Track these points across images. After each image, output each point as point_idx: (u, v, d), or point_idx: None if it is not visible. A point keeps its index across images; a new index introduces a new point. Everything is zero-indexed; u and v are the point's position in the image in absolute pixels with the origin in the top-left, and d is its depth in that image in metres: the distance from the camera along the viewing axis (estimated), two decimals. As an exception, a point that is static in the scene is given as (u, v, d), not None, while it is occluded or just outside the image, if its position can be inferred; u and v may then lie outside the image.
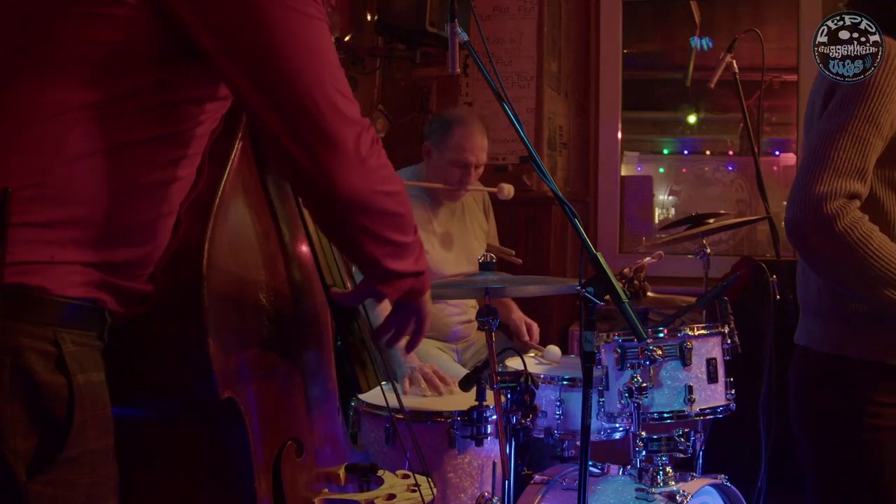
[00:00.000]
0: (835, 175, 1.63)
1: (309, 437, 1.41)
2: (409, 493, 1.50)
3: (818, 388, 1.82)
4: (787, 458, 2.89)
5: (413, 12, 3.57)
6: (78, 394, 1.05)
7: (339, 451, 1.53)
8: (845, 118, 1.66)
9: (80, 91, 1.07)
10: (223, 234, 1.25)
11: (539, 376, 2.44)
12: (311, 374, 1.45)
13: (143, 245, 1.16)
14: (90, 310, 1.10)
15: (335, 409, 1.53)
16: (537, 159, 1.66)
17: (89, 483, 1.07)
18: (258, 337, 1.31)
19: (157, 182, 1.15)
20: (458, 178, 3.04)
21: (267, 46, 1.11)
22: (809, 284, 1.85)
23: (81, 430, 1.05)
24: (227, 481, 1.28)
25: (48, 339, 1.04)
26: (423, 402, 2.46)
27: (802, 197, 1.66)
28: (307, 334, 1.45)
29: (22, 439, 1.01)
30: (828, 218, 1.62)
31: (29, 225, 1.02)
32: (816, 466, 1.83)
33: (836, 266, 1.68)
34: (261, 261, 1.33)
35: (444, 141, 3.04)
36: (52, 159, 1.05)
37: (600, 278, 1.55)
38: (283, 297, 1.36)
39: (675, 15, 4.95)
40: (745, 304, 2.86)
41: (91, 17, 1.06)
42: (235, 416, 1.24)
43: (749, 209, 4.64)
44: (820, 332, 1.81)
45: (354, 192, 1.19)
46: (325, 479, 1.46)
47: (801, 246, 1.70)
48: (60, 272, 1.05)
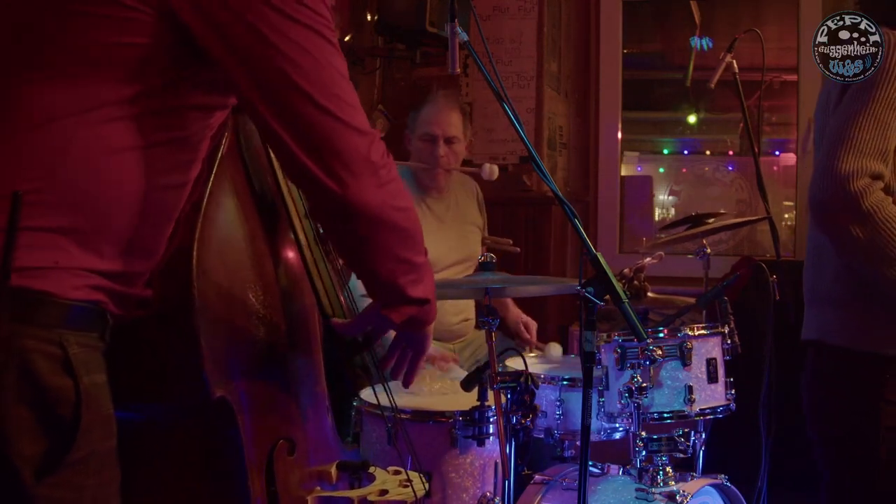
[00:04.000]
0: (858, 154, 1.64)
1: (300, 436, 1.41)
2: (401, 488, 1.51)
3: (832, 384, 1.80)
4: (787, 458, 2.89)
5: (413, 12, 3.57)
6: (84, 395, 1.05)
7: (330, 450, 1.53)
8: (865, 102, 1.67)
9: (85, 94, 1.06)
10: (211, 234, 1.26)
11: (539, 376, 2.44)
12: (300, 375, 1.45)
13: (144, 255, 1.16)
14: (93, 311, 1.10)
15: (325, 409, 1.53)
16: (537, 159, 1.66)
17: (95, 484, 1.08)
18: (248, 336, 1.32)
19: (160, 189, 1.15)
20: (429, 152, 3.04)
21: (277, 62, 1.11)
22: (823, 274, 1.83)
23: (87, 432, 1.05)
24: (221, 480, 1.29)
25: (53, 341, 1.04)
26: (424, 402, 2.46)
27: (827, 177, 1.66)
28: (296, 335, 1.45)
29: (29, 443, 1.01)
30: (854, 196, 1.62)
31: (33, 229, 1.02)
32: (832, 465, 1.82)
33: (863, 245, 1.67)
34: (249, 261, 1.34)
35: (415, 122, 3.08)
36: (55, 164, 1.05)
37: (600, 278, 1.55)
38: (272, 296, 1.37)
39: (675, 15, 4.95)
40: (745, 304, 2.86)
41: (95, 17, 1.06)
42: (228, 416, 1.25)
43: (749, 209, 4.64)
44: (834, 323, 1.80)
45: (369, 203, 1.19)
46: (318, 477, 1.46)
47: (829, 225, 1.69)
48: (64, 276, 1.05)
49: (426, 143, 3.04)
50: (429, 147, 3.04)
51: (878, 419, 1.72)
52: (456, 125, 3.07)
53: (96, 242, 1.08)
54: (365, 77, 3.95)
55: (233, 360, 1.27)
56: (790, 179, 4.57)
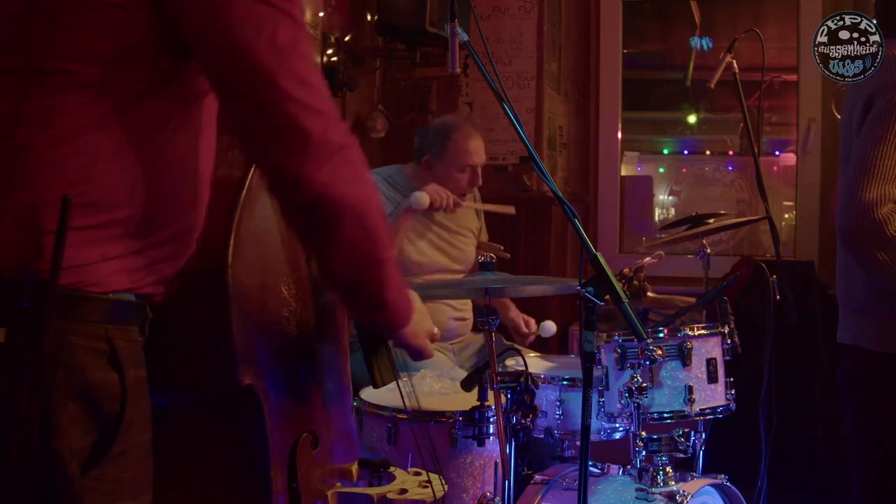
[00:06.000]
0: (881, 181, 1.74)
1: (324, 431, 1.42)
2: (421, 488, 1.51)
3: (867, 383, 1.93)
4: (787, 458, 2.89)
5: (413, 12, 3.58)
6: (130, 390, 1.07)
7: (353, 448, 1.54)
8: (885, 128, 1.72)
9: (107, 94, 1.07)
10: (249, 225, 1.27)
11: (539, 376, 2.44)
12: (327, 369, 1.47)
13: (185, 211, 1.18)
14: (134, 305, 1.12)
15: (349, 406, 1.55)
16: (537, 159, 1.66)
17: (133, 476, 1.10)
18: (279, 327, 1.33)
19: (186, 159, 1.17)
20: (468, 181, 3.04)
21: (238, 40, 1.09)
22: (853, 284, 1.94)
23: (129, 426, 1.07)
24: (243, 471, 1.30)
25: (101, 336, 1.06)
26: (424, 402, 2.46)
27: (853, 205, 1.78)
28: (325, 329, 1.47)
29: (77, 437, 1.03)
30: (878, 224, 1.70)
31: (75, 228, 1.03)
32: (865, 458, 1.91)
33: (888, 267, 1.76)
34: (284, 254, 1.36)
35: (445, 149, 3.02)
36: (90, 162, 1.06)
37: (600, 278, 1.55)
38: (304, 289, 1.39)
39: (675, 15, 4.95)
40: (745, 304, 2.86)
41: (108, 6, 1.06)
42: (254, 404, 1.26)
43: (749, 209, 4.64)
44: (866, 330, 1.90)
45: (322, 182, 1.15)
46: (339, 474, 1.47)
47: (855, 250, 1.80)
48: (107, 269, 1.07)
49: (465, 172, 3.03)
50: (467, 177, 3.04)
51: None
52: (483, 149, 3.12)
53: (136, 230, 1.10)
54: (365, 77, 3.94)
55: (262, 349, 1.29)
56: (790, 179, 4.57)
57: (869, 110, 1.76)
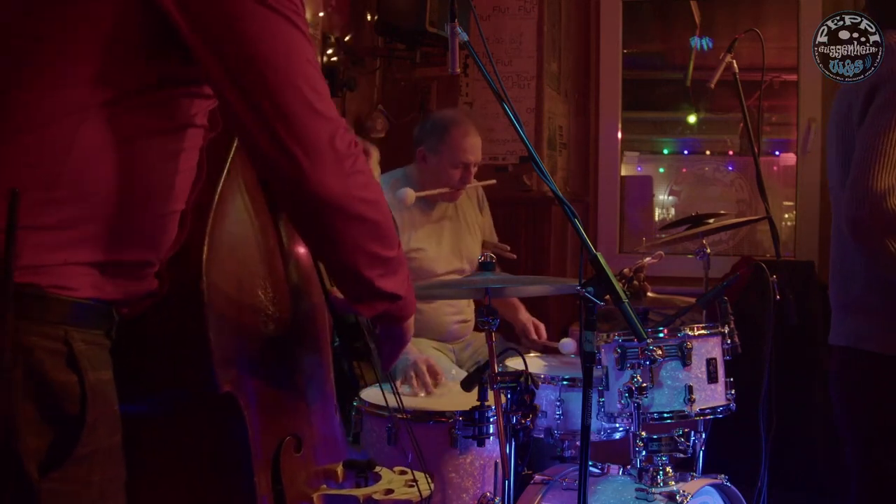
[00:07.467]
0: (892, 169, 1.69)
1: (308, 434, 1.42)
2: (407, 488, 1.51)
3: (864, 386, 1.86)
4: (787, 458, 2.89)
5: (413, 12, 3.58)
6: (90, 392, 1.06)
7: (337, 450, 1.53)
8: (892, 115, 1.69)
9: (82, 91, 1.07)
10: (222, 230, 1.26)
11: (539, 376, 2.44)
12: (309, 373, 1.46)
13: (152, 243, 1.17)
14: (99, 308, 1.10)
15: (333, 409, 1.54)
16: (537, 159, 1.66)
17: (100, 480, 1.08)
18: (257, 333, 1.32)
19: (162, 176, 1.15)
20: (460, 178, 3.05)
21: (245, 48, 1.10)
22: (853, 283, 1.88)
23: (93, 429, 1.06)
24: (227, 476, 1.29)
25: (59, 337, 1.04)
26: (425, 402, 2.46)
27: (863, 195, 1.72)
28: (305, 333, 1.45)
29: (35, 438, 1.02)
30: (890, 213, 1.66)
31: (40, 228, 1.03)
32: (862, 463, 1.87)
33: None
34: (259, 257, 1.34)
35: (441, 143, 3.04)
36: (61, 160, 1.05)
37: (600, 278, 1.55)
38: (281, 294, 1.37)
39: (675, 15, 4.95)
40: (745, 304, 2.86)
41: (84, 8, 1.07)
42: (235, 411, 1.25)
43: (749, 209, 4.64)
44: (867, 330, 1.85)
45: (330, 191, 1.17)
46: (324, 475, 1.47)
47: (866, 240, 1.75)
48: (70, 273, 1.06)
49: (458, 169, 3.04)
50: (460, 173, 3.05)
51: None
52: (480, 147, 3.12)
53: (104, 237, 1.09)
54: (365, 77, 3.94)
55: (241, 355, 1.28)
56: (790, 179, 4.57)
57: (872, 101, 1.74)
